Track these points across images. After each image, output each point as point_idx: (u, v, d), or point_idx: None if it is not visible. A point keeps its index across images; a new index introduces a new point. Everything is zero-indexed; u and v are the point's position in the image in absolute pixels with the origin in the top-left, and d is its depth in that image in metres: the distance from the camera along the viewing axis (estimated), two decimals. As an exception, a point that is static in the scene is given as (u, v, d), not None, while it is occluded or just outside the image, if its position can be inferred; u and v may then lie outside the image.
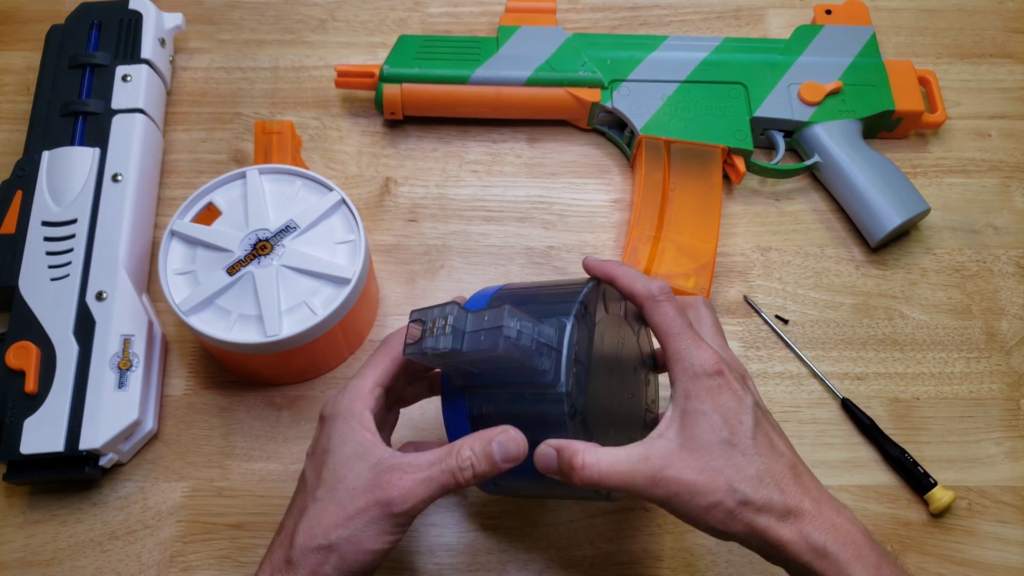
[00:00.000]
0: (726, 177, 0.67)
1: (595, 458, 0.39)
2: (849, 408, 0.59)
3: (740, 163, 0.66)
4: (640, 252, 0.61)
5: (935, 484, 0.56)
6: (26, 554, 0.54)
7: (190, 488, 0.57)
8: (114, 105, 0.64)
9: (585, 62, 0.68)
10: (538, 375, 0.41)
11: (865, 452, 0.59)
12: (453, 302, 0.42)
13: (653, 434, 0.41)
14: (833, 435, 0.59)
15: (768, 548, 0.41)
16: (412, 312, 0.42)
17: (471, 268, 0.64)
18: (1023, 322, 0.63)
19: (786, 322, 0.63)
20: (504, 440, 0.41)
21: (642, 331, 0.50)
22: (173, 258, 0.55)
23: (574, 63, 0.68)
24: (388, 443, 0.48)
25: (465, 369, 0.42)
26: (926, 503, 0.56)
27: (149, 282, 0.63)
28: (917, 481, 0.56)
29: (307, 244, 0.55)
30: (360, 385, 0.45)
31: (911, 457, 0.57)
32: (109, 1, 0.68)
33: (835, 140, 0.66)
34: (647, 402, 0.50)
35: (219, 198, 0.57)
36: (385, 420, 0.49)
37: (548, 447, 0.41)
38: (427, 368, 0.50)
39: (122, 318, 0.57)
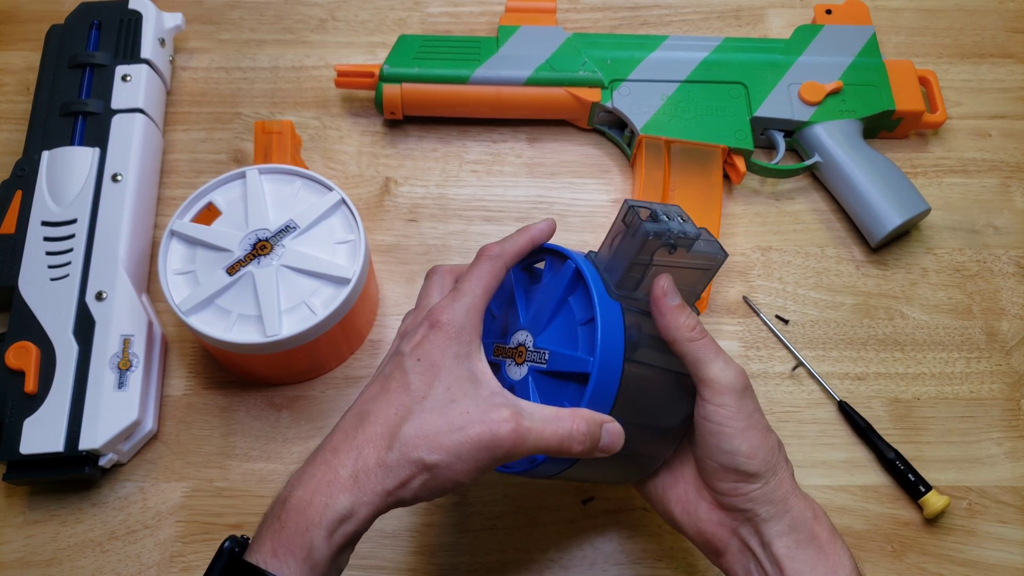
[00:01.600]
0: (726, 177, 0.67)
1: None
2: (846, 410, 0.59)
3: (740, 163, 0.66)
4: (640, 252, 0.61)
5: (928, 490, 0.56)
6: (26, 554, 0.54)
7: (190, 488, 0.57)
8: (114, 105, 0.64)
9: (585, 62, 0.68)
10: (692, 303, 0.45)
11: (865, 452, 0.59)
12: (666, 204, 0.44)
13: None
14: (833, 435, 0.59)
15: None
16: (627, 200, 0.43)
17: (471, 268, 0.64)
18: (1023, 322, 0.63)
19: (786, 322, 0.63)
20: (612, 431, 0.42)
21: None
22: (173, 258, 0.55)
23: (574, 63, 0.68)
24: None
25: (649, 273, 0.43)
26: (921, 508, 0.56)
27: (149, 282, 0.63)
28: (911, 487, 0.56)
29: (307, 244, 0.55)
30: (474, 305, 0.43)
31: (902, 464, 0.57)
32: (109, 1, 0.68)
33: (835, 140, 0.66)
34: None
35: (219, 198, 0.57)
36: None
37: None
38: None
39: (122, 318, 0.57)
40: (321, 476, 0.38)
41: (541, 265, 0.48)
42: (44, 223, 0.59)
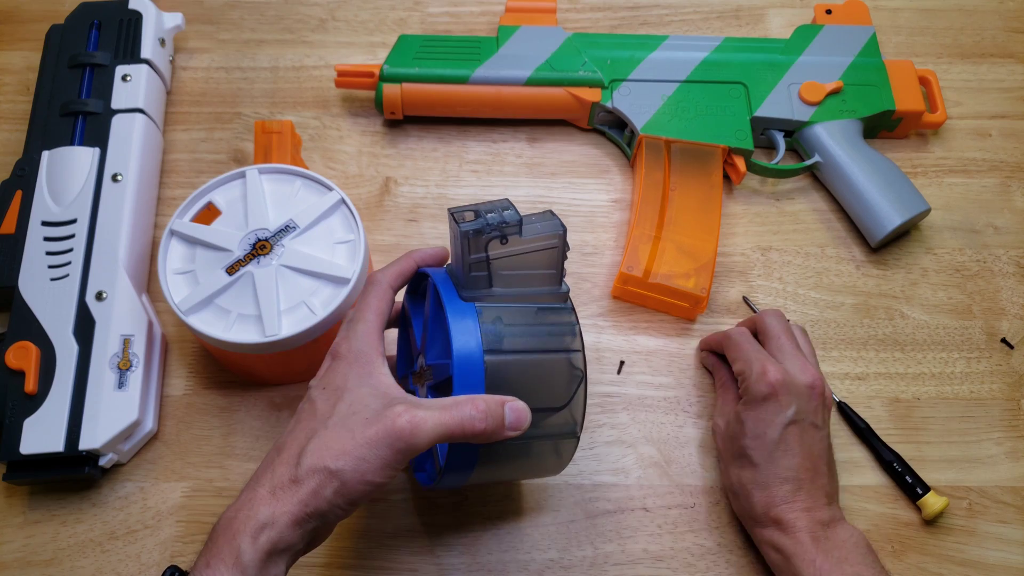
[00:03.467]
0: (726, 177, 0.67)
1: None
2: (845, 411, 0.59)
3: (740, 163, 0.66)
4: (640, 252, 0.61)
5: (925, 492, 0.56)
6: (26, 554, 0.54)
7: (190, 488, 0.57)
8: (114, 105, 0.64)
9: (585, 62, 0.68)
10: (557, 284, 0.47)
11: (864, 453, 0.59)
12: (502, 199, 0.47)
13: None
14: (833, 435, 0.59)
15: (745, 526, 0.54)
16: (449, 208, 0.46)
17: (471, 268, 0.64)
18: (1023, 322, 0.63)
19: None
20: (516, 407, 0.43)
21: None
22: (173, 258, 0.55)
23: (574, 63, 0.68)
24: None
25: (491, 267, 0.45)
26: (920, 509, 0.56)
27: (149, 282, 0.63)
28: (909, 489, 0.56)
29: (306, 244, 0.55)
30: (369, 329, 0.46)
31: (900, 466, 0.57)
32: (109, 1, 0.68)
33: (835, 140, 0.66)
34: None
35: (219, 198, 0.57)
36: None
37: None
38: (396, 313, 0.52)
39: (122, 318, 0.57)
40: (244, 498, 0.42)
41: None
42: (44, 223, 0.59)
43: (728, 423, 0.55)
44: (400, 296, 0.52)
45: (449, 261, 0.50)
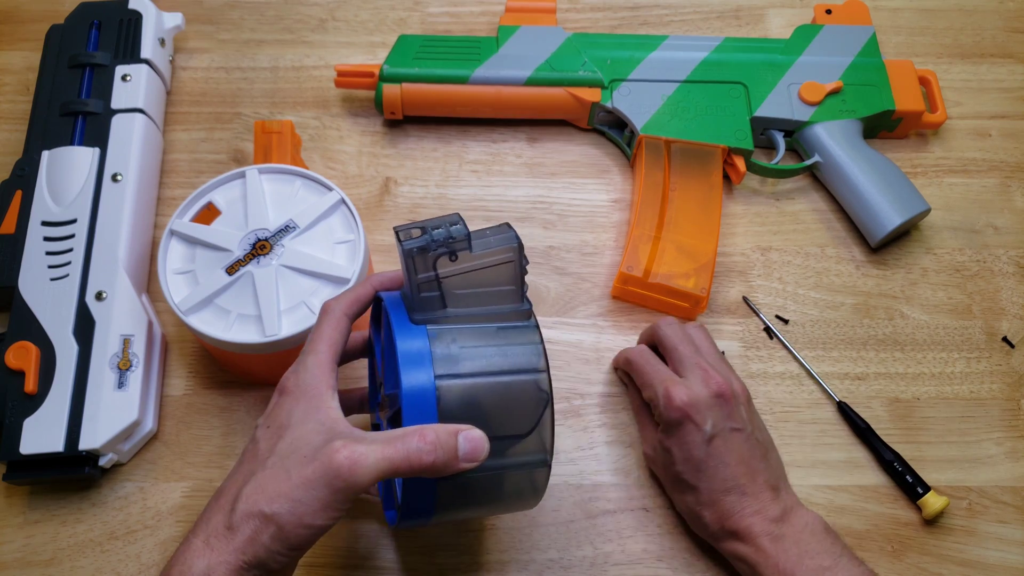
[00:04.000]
0: (726, 177, 0.67)
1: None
2: (845, 411, 0.59)
3: (740, 163, 0.66)
4: (640, 252, 0.61)
5: (926, 492, 0.56)
6: (26, 554, 0.54)
7: (190, 488, 0.57)
8: (114, 105, 0.64)
9: (585, 62, 0.68)
10: (519, 300, 0.43)
11: (864, 453, 0.59)
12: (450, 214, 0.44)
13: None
14: (833, 435, 0.59)
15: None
16: (394, 226, 0.43)
17: (471, 268, 0.64)
18: (1023, 322, 0.63)
19: (786, 322, 0.63)
20: (471, 437, 0.40)
21: None
22: (172, 258, 0.55)
23: (574, 63, 0.68)
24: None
25: (443, 287, 0.42)
26: (920, 509, 0.56)
27: (149, 282, 0.63)
28: (909, 488, 0.56)
29: (306, 244, 0.55)
30: (319, 361, 0.43)
31: (900, 466, 0.57)
32: (109, 1, 0.68)
33: (835, 140, 0.66)
34: None
35: (219, 198, 0.57)
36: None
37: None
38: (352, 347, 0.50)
39: (122, 318, 0.57)
40: (180, 552, 0.40)
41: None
42: (44, 223, 0.59)
43: (655, 451, 0.55)
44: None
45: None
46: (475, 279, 0.43)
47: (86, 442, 0.53)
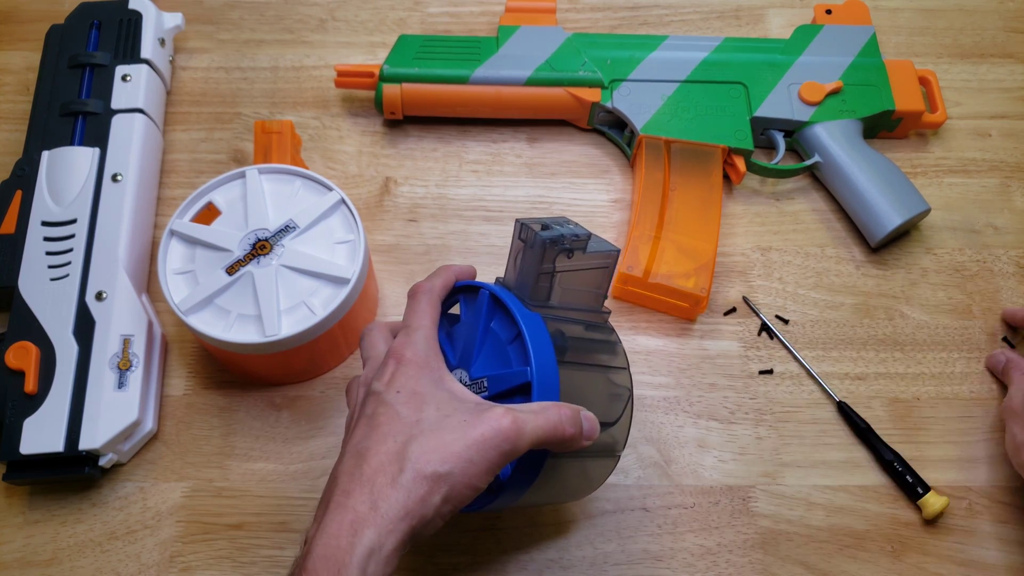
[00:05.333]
0: (726, 177, 0.67)
1: None
2: (845, 411, 0.59)
3: (740, 163, 0.66)
4: (640, 252, 0.61)
5: (926, 492, 0.56)
6: (26, 554, 0.54)
7: (190, 488, 0.57)
8: (114, 105, 0.64)
9: (585, 62, 0.68)
10: (600, 304, 0.48)
11: (864, 452, 0.59)
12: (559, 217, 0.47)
13: None
14: (833, 435, 0.59)
15: None
16: (518, 219, 0.45)
17: (471, 268, 0.64)
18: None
19: (786, 322, 0.63)
20: (589, 416, 0.43)
21: None
22: (172, 258, 0.55)
23: (574, 63, 0.68)
24: None
25: (556, 281, 0.46)
26: (920, 509, 0.56)
27: (149, 282, 0.63)
28: (909, 488, 0.56)
29: (306, 244, 0.55)
30: (428, 336, 0.44)
31: (900, 466, 0.57)
32: (109, 1, 0.68)
33: (835, 140, 0.66)
34: None
35: (219, 198, 0.57)
36: None
37: None
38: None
39: (122, 318, 0.57)
40: (340, 519, 0.38)
41: (455, 310, 0.50)
42: (44, 223, 0.59)
43: None
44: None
45: (503, 275, 0.48)
46: (577, 278, 0.46)
47: (86, 442, 0.53)
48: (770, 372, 0.60)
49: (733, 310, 0.63)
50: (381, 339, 0.47)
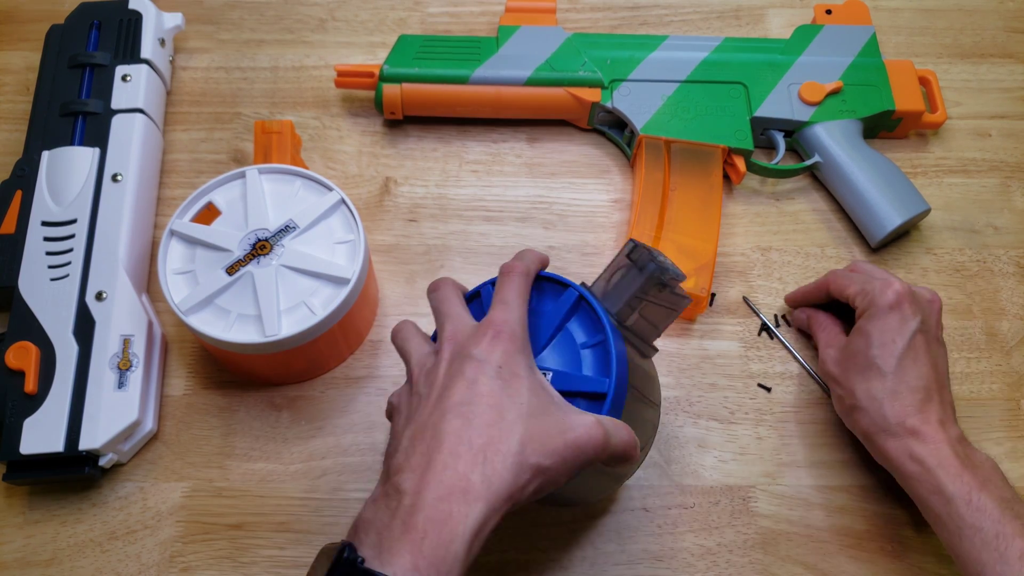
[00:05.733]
0: (726, 177, 0.67)
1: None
2: (849, 408, 0.59)
3: (740, 163, 0.66)
4: (640, 252, 0.61)
5: None
6: (26, 554, 0.54)
7: (190, 488, 0.57)
8: (114, 105, 0.64)
9: (585, 62, 0.68)
10: (652, 341, 0.50)
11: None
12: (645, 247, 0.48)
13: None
14: (832, 435, 0.59)
15: (871, 448, 0.53)
16: (633, 239, 0.48)
17: (471, 268, 0.64)
18: (1023, 322, 0.63)
19: (778, 325, 0.63)
20: (636, 440, 0.43)
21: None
22: (172, 258, 0.55)
23: (574, 63, 0.68)
24: None
25: (640, 308, 0.48)
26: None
27: (149, 282, 0.63)
28: None
29: (306, 244, 0.55)
30: (523, 317, 0.44)
31: None
32: (109, 1, 0.68)
33: (835, 140, 0.66)
34: None
35: (219, 198, 0.57)
36: None
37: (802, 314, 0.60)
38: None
39: (122, 318, 0.57)
40: (452, 483, 0.37)
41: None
42: (44, 223, 0.59)
43: (844, 346, 0.55)
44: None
45: (586, 283, 0.49)
46: (653, 311, 0.48)
47: (86, 442, 0.53)
48: (768, 390, 0.60)
49: (714, 296, 0.63)
50: (457, 300, 0.47)
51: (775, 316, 0.63)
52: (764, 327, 0.62)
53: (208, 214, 0.57)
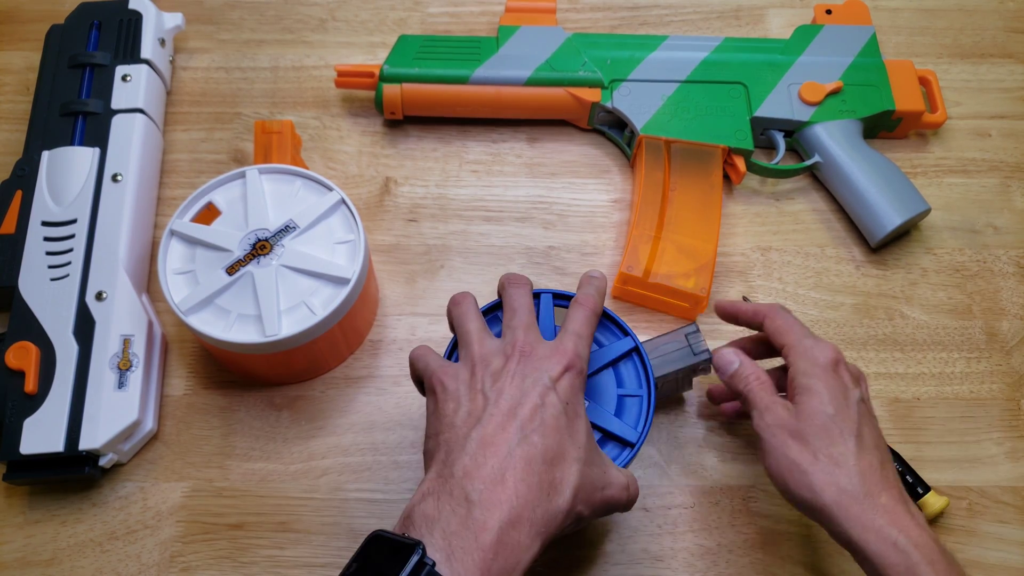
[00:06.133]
0: (726, 177, 0.67)
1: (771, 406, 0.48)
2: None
3: (740, 163, 0.66)
4: (640, 252, 0.61)
5: (926, 492, 0.56)
6: (26, 554, 0.54)
7: (190, 488, 0.57)
8: (114, 105, 0.64)
9: (585, 62, 0.68)
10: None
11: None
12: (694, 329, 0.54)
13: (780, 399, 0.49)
14: (833, 435, 0.59)
15: (825, 517, 0.44)
16: (693, 323, 0.55)
17: (471, 268, 0.64)
18: (1023, 322, 0.63)
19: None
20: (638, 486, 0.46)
21: None
22: (173, 258, 0.55)
23: (574, 63, 0.68)
24: None
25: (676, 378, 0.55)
26: (920, 509, 0.56)
27: (149, 282, 0.63)
28: (909, 488, 0.56)
29: (306, 244, 0.55)
30: (588, 355, 0.46)
31: (900, 466, 0.57)
32: (109, 1, 0.68)
33: (835, 140, 0.66)
34: None
35: (219, 198, 0.57)
36: None
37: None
38: None
39: (122, 318, 0.57)
40: (522, 511, 0.39)
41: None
42: (44, 223, 0.59)
43: (795, 406, 0.47)
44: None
45: (651, 341, 0.54)
46: (679, 380, 0.55)
47: (86, 442, 0.53)
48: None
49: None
50: (531, 310, 0.47)
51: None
52: None
53: (208, 214, 0.57)
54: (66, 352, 0.55)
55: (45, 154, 0.62)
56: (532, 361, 0.44)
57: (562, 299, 0.52)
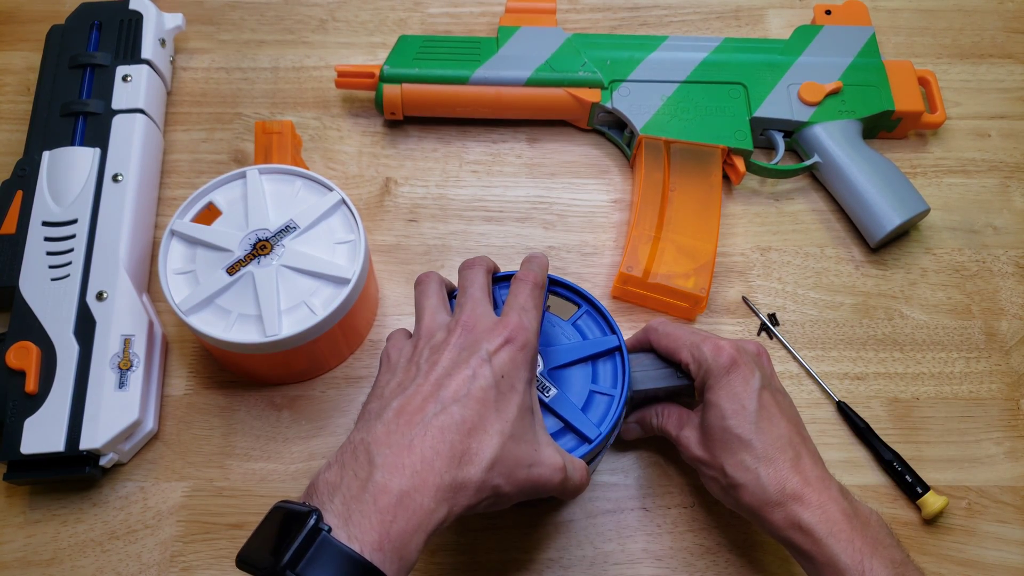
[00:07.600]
0: (726, 177, 0.68)
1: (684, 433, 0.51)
2: (844, 411, 0.59)
3: (740, 163, 0.66)
4: (640, 252, 0.61)
5: (925, 491, 0.56)
6: (26, 554, 0.54)
7: (190, 488, 0.57)
8: (114, 105, 0.64)
9: (585, 62, 0.68)
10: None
11: (864, 452, 0.59)
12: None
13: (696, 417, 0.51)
14: (832, 435, 0.59)
15: (759, 523, 0.48)
16: (684, 369, 0.52)
17: (471, 268, 0.64)
18: (1023, 322, 0.63)
19: (777, 324, 0.63)
20: (588, 476, 0.47)
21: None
22: (173, 258, 0.56)
23: (574, 63, 0.68)
24: None
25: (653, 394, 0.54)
26: (919, 508, 0.56)
27: (149, 282, 0.63)
28: (908, 488, 0.56)
29: (307, 244, 0.56)
30: (538, 328, 0.46)
31: (900, 465, 0.57)
32: (109, 1, 0.68)
33: (835, 140, 0.66)
34: None
35: (219, 198, 0.57)
36: None
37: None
38: None
39: (122, 318, 0.57)
40: (426, 476, 0.38)
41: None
42: (45, 223, 0.59)
43: (699, 424, 0.50)
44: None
45: (642, 359, 0.53)
46: (657, 397, 0.54)
47: (87, 442, 0.53)
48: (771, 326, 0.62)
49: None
50: (483, 287, 0.47)
51: (772, 315, 0.63)
52: (763, 327, 0.62)
53: (209, 214, 0.57)
54: (67, 352, 0.55)
55: (46, 154, 0.62)
56: (473, 334, 0.44)
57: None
